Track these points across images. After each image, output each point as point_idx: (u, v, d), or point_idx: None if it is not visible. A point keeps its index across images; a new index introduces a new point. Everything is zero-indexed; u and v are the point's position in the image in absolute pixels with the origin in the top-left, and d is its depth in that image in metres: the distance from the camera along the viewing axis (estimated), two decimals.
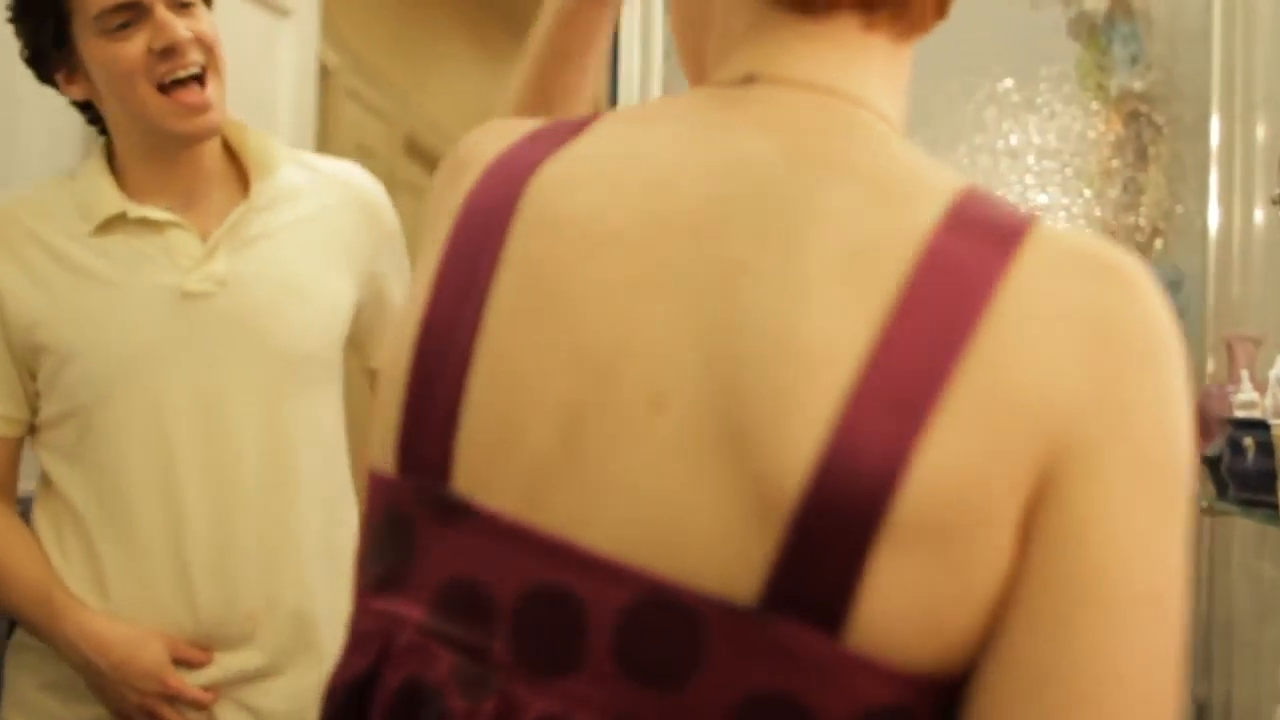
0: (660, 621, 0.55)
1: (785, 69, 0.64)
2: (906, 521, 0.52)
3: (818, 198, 0.58)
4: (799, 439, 0.53)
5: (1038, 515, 0.54)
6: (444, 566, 0.59)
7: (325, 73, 3.28)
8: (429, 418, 0.61)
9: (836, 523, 0.53)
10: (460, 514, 0.59)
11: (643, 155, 0.63)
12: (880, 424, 0.53)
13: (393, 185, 1.80)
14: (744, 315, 0.56)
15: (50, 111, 2.23)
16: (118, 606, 1.51)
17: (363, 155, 3.84)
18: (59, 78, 1.55)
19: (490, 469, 0.59)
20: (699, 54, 0.70)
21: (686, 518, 0.55)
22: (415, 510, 0.61)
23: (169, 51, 1.48)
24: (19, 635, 1.59)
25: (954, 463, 0.53)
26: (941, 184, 0.59)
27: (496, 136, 0.68)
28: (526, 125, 0.68)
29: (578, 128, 0.66)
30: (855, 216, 0.57)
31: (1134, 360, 0.55)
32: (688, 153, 0.62)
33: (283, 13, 2.68)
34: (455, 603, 0.59)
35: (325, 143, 3.27)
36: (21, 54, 1.56)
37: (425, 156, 4.67)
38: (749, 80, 0.64)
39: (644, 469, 0.56)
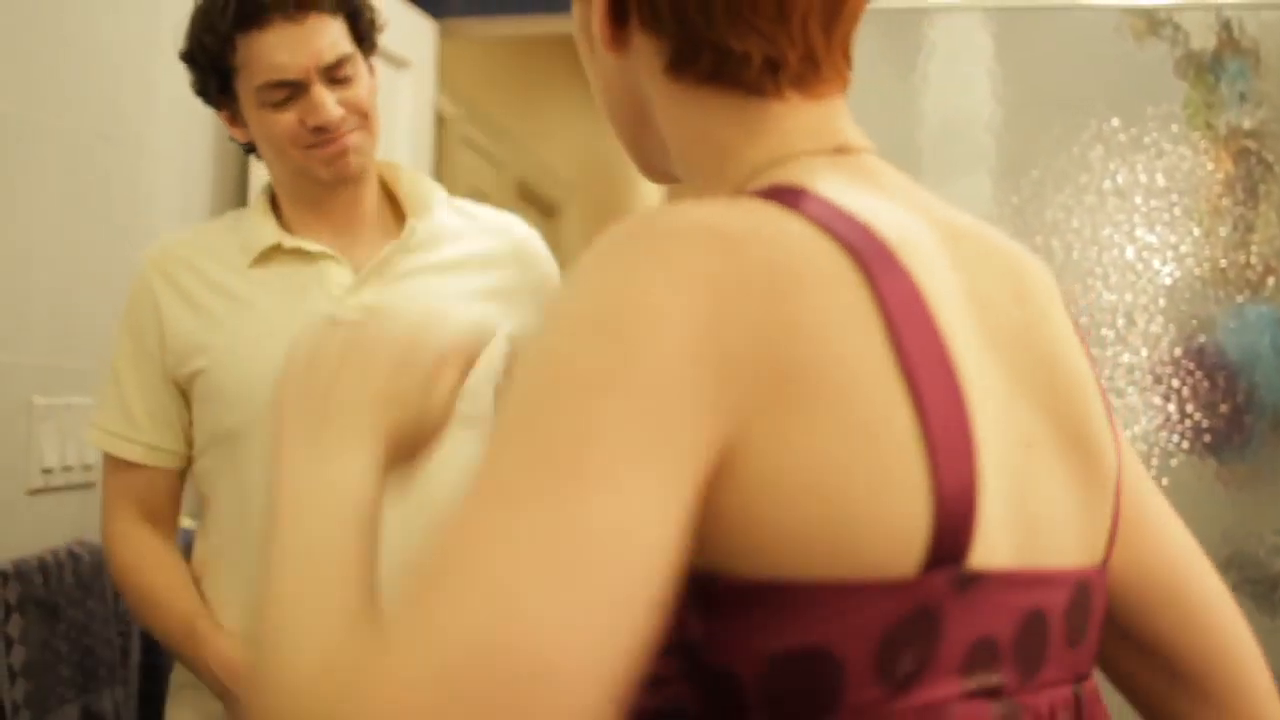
0: (1080, 601, 0.73)
1: (855, 140, 0.76)
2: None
3: (1008, 258, 0.77)
4: (1110, 446, 0.76)
5: None
6: (966, 637, 0.65)
7: (441, 121, 3.37)
8: (964, 514, 0.64)
9: (1116, 492, 0.77)
10: (976, 583, 0.65)
11: (910, 230, 0.70)
12: (1110, 423, 0.78)
13: None
14: (1053, 364, 0.75)
15: (181, 168, 2.34)
16: None
17: (476, 199, 3.93)
18: (224, 116, 1.64)
19: (989, 537, 0.66)
20: (641, 142, 0.81)
21: (1079, 521, 0.74)
22: (945, 598, 0.64)
23: (320, 130, 1.55)
24: (178, 674, 1.65)
25: None
26: None
27: (795, 243, 0.64)
28: (792, 222, 0.65)
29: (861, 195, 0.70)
30: (1029, 270, 0.78)
31: None
32: (927, 231, 0.72)
33: (402, 65, 2.78)
34: (978, 663, 0.66)
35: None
36: (192, 85, 1.64)
37: (537, 200, 4.76)
38: (843, 150, 0.75)
39: (1044, 495, 0.72)
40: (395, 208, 1.69)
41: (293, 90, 1.54)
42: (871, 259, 0.65)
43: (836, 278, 0.64)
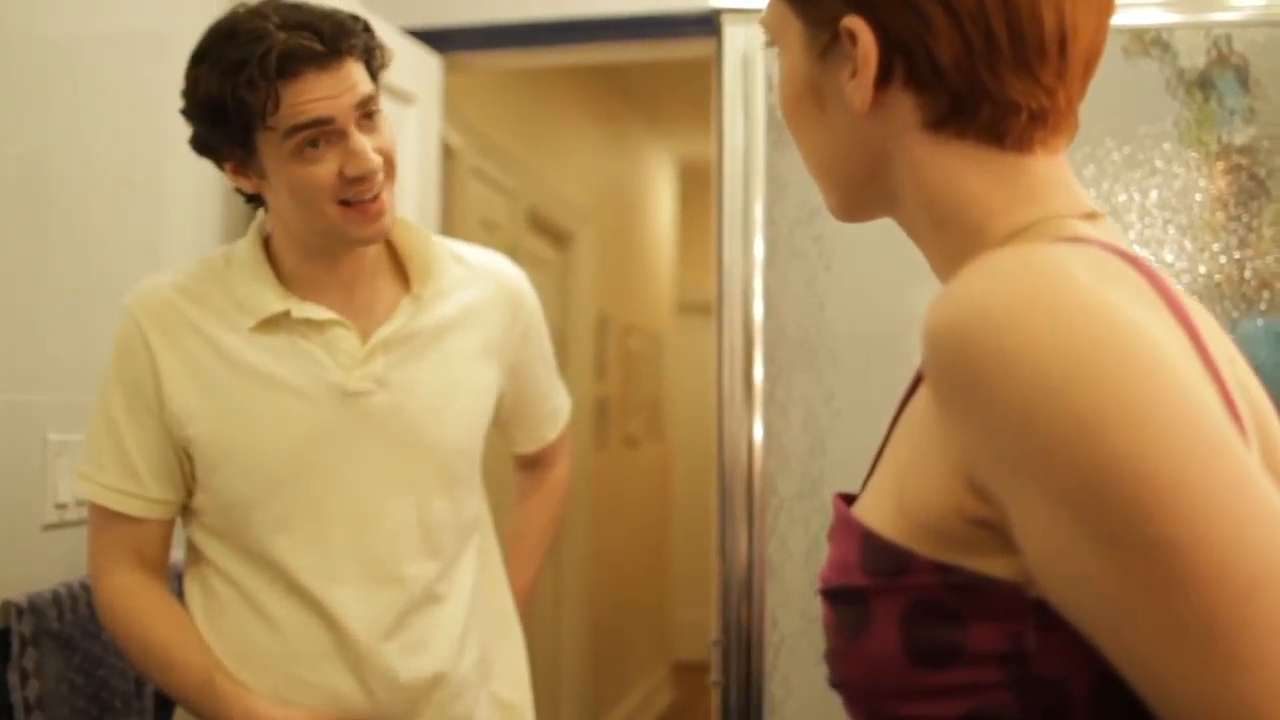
0: None
1: (1093, 204, 0.80)
2: None
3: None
4: None
5: None
6: None
7: (449, 153, 3.40)
8: None
9: None
10: None
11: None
12: None
13: (516, 258, 1.86)
14: (1265, 409, 0.79)
15: (194, 209, 2.38)
16: (279, 688, 1.54)
17: (487, 230, 3.95)
18: (228, 167, 1.55)
19: None
20: (863, 193, 0.84)
21: None
22: None
23: (360, 180, 1.49)
24: (180, 716, 1.64)
25: None
26: None
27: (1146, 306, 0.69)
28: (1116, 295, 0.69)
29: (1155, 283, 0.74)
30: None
31: None
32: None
33: (407, 100, 2.81)
34: None
35: (450, 219, 3.39)
36: (191, 141, 1.56)
37: (547, 229, 4.79)
38: (1092, 216, 0.79)
39: None
40: (394, 261, 1.68)
41: (329, 136, 1.48)
42: (1172, 300, 0.71)
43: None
